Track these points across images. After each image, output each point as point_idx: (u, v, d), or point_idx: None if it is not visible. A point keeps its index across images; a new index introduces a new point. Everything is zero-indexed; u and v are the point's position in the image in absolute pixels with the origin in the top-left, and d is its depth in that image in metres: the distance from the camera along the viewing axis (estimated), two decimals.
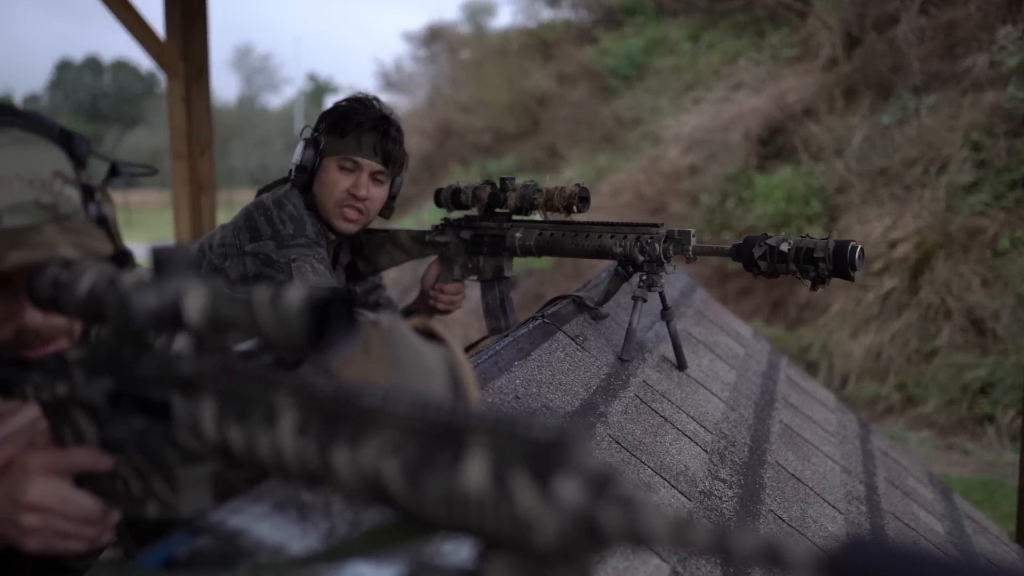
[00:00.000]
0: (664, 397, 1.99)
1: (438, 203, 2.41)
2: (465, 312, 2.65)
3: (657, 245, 2.01)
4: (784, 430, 2.30)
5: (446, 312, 2.48)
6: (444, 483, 0.61)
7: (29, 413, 1.03)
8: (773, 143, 8.44)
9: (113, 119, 45.38)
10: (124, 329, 0.80)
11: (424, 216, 9.65)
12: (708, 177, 8.32)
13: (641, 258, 2.02)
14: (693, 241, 2.00)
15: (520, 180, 2.31)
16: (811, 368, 6.58)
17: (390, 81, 17.39)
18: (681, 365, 2.21)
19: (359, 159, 2.28)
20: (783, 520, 1.78)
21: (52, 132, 1.18)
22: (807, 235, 1.94)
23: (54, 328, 1.14)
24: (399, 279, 7.10)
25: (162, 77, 5.27)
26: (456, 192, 2.37)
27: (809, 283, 1.89)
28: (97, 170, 1.39)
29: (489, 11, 18.53)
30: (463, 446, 0.61)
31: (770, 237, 1.91)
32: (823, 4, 9.32)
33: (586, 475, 0.56)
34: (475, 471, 0.59)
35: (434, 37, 15.82)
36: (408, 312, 2.55)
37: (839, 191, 7.56)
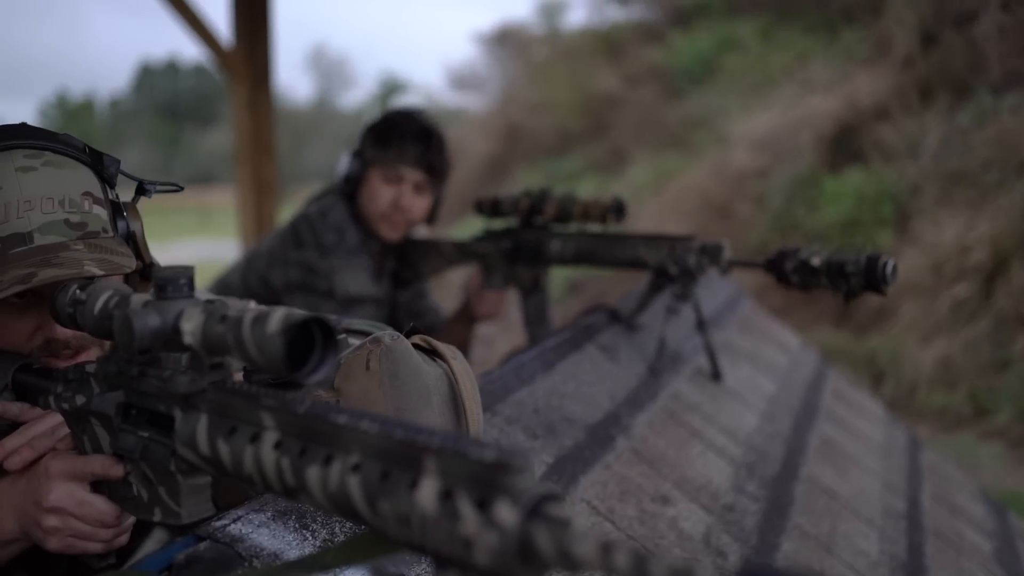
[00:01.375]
0: (695, 410, 1.98)
1: (479, 212, 2.45)
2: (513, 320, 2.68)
3: (690, 257, 2.01)
4: (823, 443, 2.28)
5: (487, 319, 2.52)
6: (400, 504, 0.65)
7: (52, 420, 1.10)
8: (844, 145, 8.26)
9: (191, 119, 46.55)
10: (128, 347, 0.85)
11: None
12: (776, 179, 8.18)
13: (674, 270, 2.03)
14: (727, 253, 2.00)
15: (558, 191, 2.33)
16: (878, 377, 6.44)
17: (459, 81, 17.52)
18: (717, 377, 2.21)
19: (402, 170, 2.34)
20: (809, 536, 1.76)
21: (83, 154, 1.24)
22: (840, 248, 1.92)
23: (81, 340, 1.20)
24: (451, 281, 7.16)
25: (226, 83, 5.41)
26: (496, 202, 2.40)
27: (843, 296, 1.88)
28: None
29: (563, 9, 18.48)
30: (419, 470, 0.64)
31: (802, 251, 1.89)
32: (899, 1, 9.10)
33: (524, 498, 0.58)
34: (427, 493, 0.63)
35: (504, 38, 15.88)
36: (456, 317, 2.60)
37: (912, 194, 7.37)
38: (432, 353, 1.17)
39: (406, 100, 13.70)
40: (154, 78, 51.22)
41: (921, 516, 2.29)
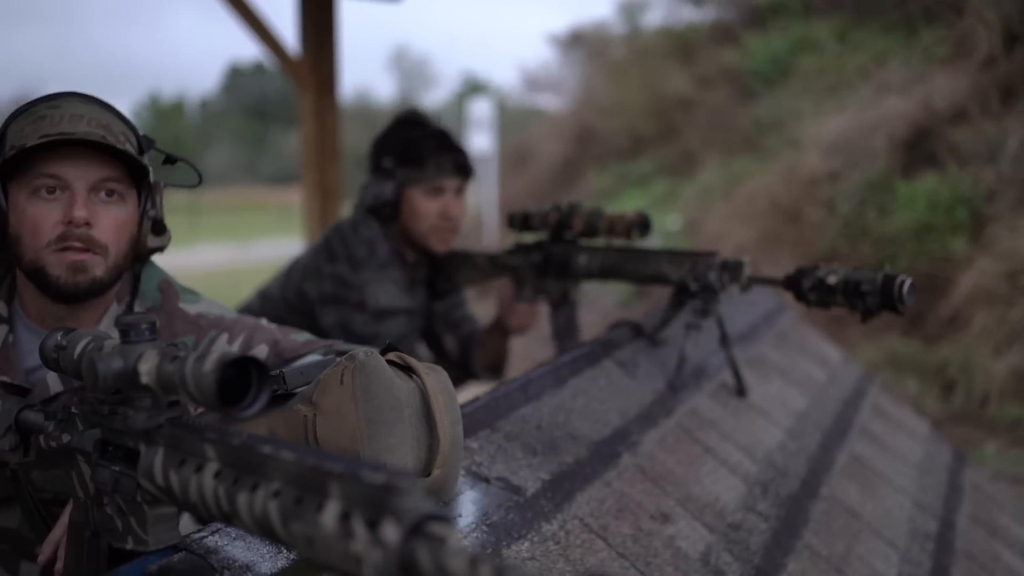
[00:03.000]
0: (712, 426, 1.99)
1: (511, 226, 2.49)
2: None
3: (710, 273, 2.02)
4: (852, 461, 2.26)
5: (518, 331, 2.56)
6: (307, 526, 0.70)
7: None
8: (919, 148, 8.06)
9: (276, 120, 47.56)
10: (95, 387, 0.92)
11: None
12: (847, 184, 8.02)
13: (694, 286, 2.04)
14: (747, 270, 2.01)
15: (587, 206, 2.36)
16: (948, 387, 6.27)
17: (534, 83, 17.58)
18: (741, 392, 2.21)
19: (443, 182, 2.41)
20: (820, 556, 1.76)
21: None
22: (857, 267, 1.91)
23: (90, 237, 1.36)
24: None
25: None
26: (527, 216, 2.44)
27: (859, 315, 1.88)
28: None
29: (644, 8, 18.37)
30: (325, 494, 0.70)
31: (820, 269, 1.89)
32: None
33: (407, 517, 0.63)
34: (329, 515, 0.68)
35: (577, 39, 15.88)
36: (491, 329, 2.65)
37: (988, 200, 7.15)
38: (408, 369, 1.23)
39: (481, 101, 13.78)
40: (242, 79, 52.54)
41: (954, 537, 2.25)
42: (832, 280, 1.85)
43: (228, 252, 18.79)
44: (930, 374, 6.35)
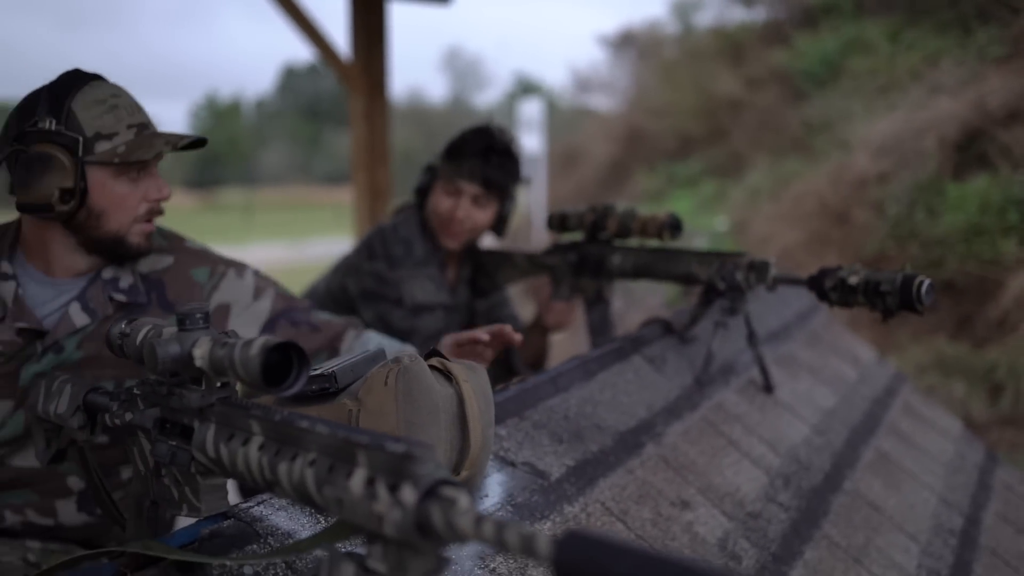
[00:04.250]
0: (737, 420, 2.07)
1: (550, 227, 2.59)
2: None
3: (738, 273, 2.09)
4: (879, 457, 2.32)
5: (556, 328, 2.65)
6: (338, 490, 0.80)
7: None
8: (971, 149, 7.99)
9: (330, 120, 48.16)
10: (154, 370, 1.04)
11: None
12: (897, 185, 7.98)
13: (722, 285, 2.12)
14: (773, 271, 2.08)
15: (621, 207, 2.45)
16: (996, 390, 6.23)
17: (584, 84, 17.66)
18: (768, 389, 2.28)
19: (461, 184, 2.50)
20: (839, 546, 1.83)
21: None
22: (877, 266, 1.96)
23: (159, 210, 1.69)
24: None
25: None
26: (564, 217, 2.53)
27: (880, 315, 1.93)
28: None
29: (697, 8, 18.33)
30: (354, 463, 0.80)
31: (842, 269, 1.95)
32: None
33: (423, 482, 0.73)
34: (357, 480, 0.79)
35: (627, 40, 15.92)
36: (531, 327, 2.75)
37: None
38: (448, 375, 1.33)
39: (532, 101, 13.89)
40: (297, 80, 53.30)
41: (979, 534, 2.30)
42: (853, 280, 1.91)
43: (282, 250, 19.15)
44: (978, 377, 6.30)
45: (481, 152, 2.49)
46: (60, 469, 1.70)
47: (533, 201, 13.14)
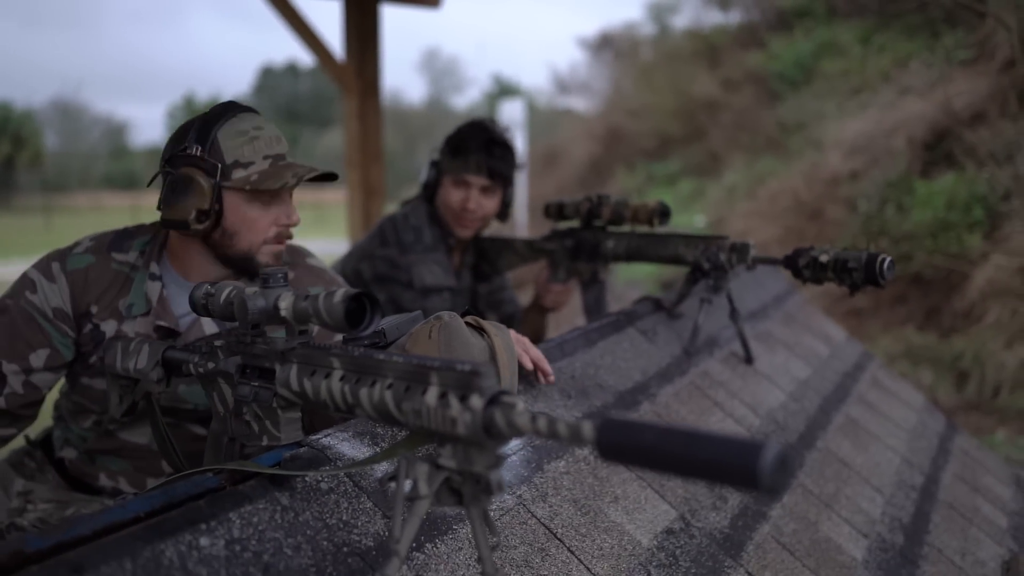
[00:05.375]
0: (721, 386, 2.31)
1: (547, 215, 2.81)
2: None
3: (721, 255, 2.33)
4: (848, 422, 2.56)
5: (553, 308, 2.88)
6: (415, 404, 1.02)
7: None
8: (938, 149, 8.31)
9: (309, 122, 48.13)
10: (244, 322, 1.26)
11: None
12: (868, 183, 8.29)
13: (706, 265, 2.35)
14: (753, 251, 2.32)
15: (614, 197, 2.68)
16: (961, 378, 6.53)
17: (563, 85, 17.92)
18: (749, 360, 2.52)
19: (468, 177, 2.72)
20: (812, 493, 2.07)
21: None
22: (848, 248, 2.20)
23: (288, 233, 1.87)
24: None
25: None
26: (561, 206, 2.76)
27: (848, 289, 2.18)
28: None
29: (674, 9, 18.61)
30: (428, 382, 1.02)
31: (814, 249, 2.19)
32: (1002, 3, 9.04)
33: (487, 392, 0.95)
34: (432, 395, 1.00)
35: (605, 42, 16.21)
36: (530, 308, 2.98)
37: (1004, 198, 7.40)
38: (480, 330, 1.56)
39: (514, 102, 14.11)
40: (275, 79, 53.20)
41: (937, 490, 2.55)
42: (824, 259, 2.15)
43: None
44: (945, 365, 6.60)
45: (484, 146, 2.71)
46: (158, 451, 1.88)
47: (515, 201, 13.35)
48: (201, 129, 1.76)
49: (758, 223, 8.71)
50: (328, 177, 1.83)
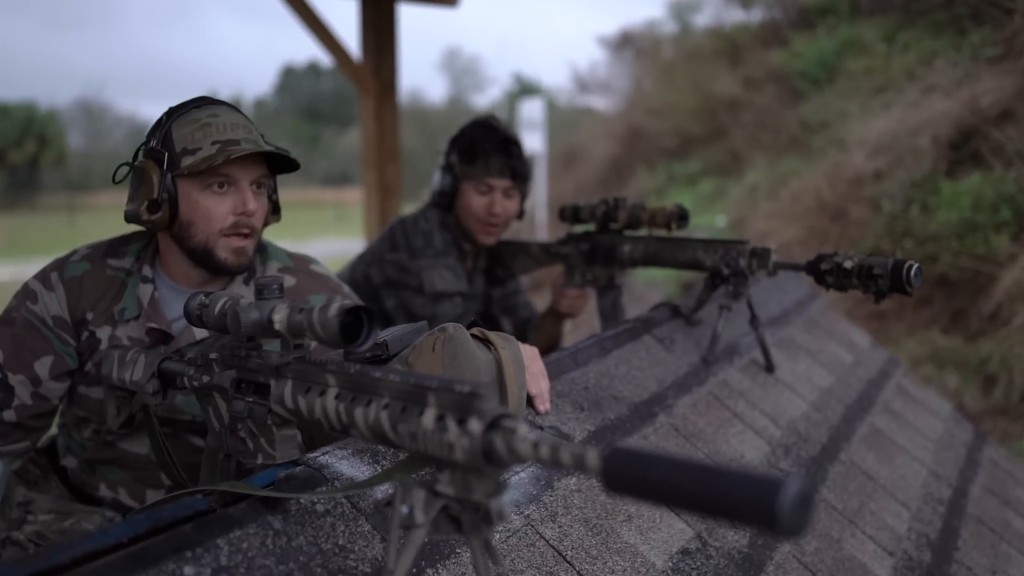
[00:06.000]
0: (741, 395, 2.23)
1: (562, 218, 2.75)
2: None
3: (741, 260, 2.25)
4: (872, 432, 2.48)
5: (570, 314, 2.81)
6: (412, 426, 0.96)
7: None
8: (964, 148, 8.16)
9: (330, 121, 48.27)
10: (237, 334, 1.20)
11: None
12: (892, 183, 8.15)
13: (726, 271, 2.28)
14: (774, 256, 2.24)
15: (631, 199, 2.61)
16: (989, 381, 6.40)
17: (583, 84, 17.83)
18: (769, 369, 2.44)
19: (491, 181, 2.66)
20: (835, 509, 1.99)
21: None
22: (872, 254, 2.12)
23: (254, 223, 1.76)
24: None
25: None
26: (577, 209, 2.69)
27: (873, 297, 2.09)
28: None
29: (696, 8, 18.47)
30: (425, 403, 0.95)
31: (838, 255, 2.11)
32: None
33: (487, 416, 0.88)
34: (428, 417, 0.94)
35: (626, 41, 16.10)
36: (546, 314, 2.91)
37: None
38: (487, 343, 1.49)
39: (533, 101, 14.05)
40: (296, 79, 53.40)
41: (966, 504, 2.46)
42: (848, 265, 2.07)
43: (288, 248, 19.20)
44: (971, 369, 6.47)
45: (501, 147, 2.65)
46: (157, 463, 1.84)
47: (534, 201, 13.29)
48: (161, 122, 1.74)
49: (780, 224, 8.60)
50: (288, 164, 1.79)
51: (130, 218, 1.74)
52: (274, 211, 1.90)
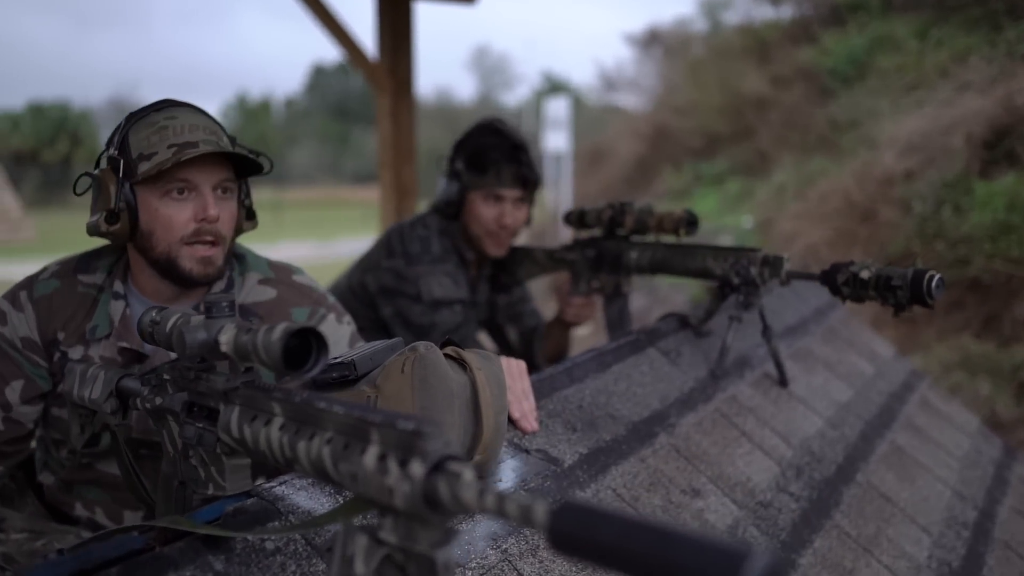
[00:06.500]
0: (751, 412, 2.11)
1: (567, 223, 2.63)
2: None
3: (752, 268, 2.13)
4: (893, 451, 2.34)
5: (575, 323, 2.69)
6: (353, 465, 0.85)
7: None
8: (999, 147, 7.93)
9: (359, 120, 48.40)
10: (183, 355, 1.10)
11: None
12: (924, 183, 7.94)
13: (736, 280, 2.15)
14: (787, 265, 2.11)
15: (638, 204, 2.49)
16: (1022, 388, 6.20)
17: (610, 83, 17.67)
18: (783, 382, 2.31)
19: (502, 191, 2.55)
20: (849, 536, 1.86)
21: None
22: (897, 259, 1.99)
23: (218, 230, 1.64)
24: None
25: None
26: (582, 213, 2.58)
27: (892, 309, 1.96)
28: None
29: (726, 5, 18.23)
30: (368, 440, 0.85)
31: (854, 264, 1.98)
32: None
33: (431, 457, 0.78)
34: (370, 456, 0.83)
35: (653, 39, 15.92)
36: (552, 323, 2.79)
37: None
38: (462, 363, 1.38)
39: (558, 100, 13.93)
40: (326, 78, 53.61)
41: (993, 527, 2.32)
42: (865, 275, 1.94)
43: (310, 249, 19.31)
44: (1004, 376, 6.27)
45: (510, 155, 2.54)
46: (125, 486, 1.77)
47: (559, 200, 13.17)
48: (119, 129, 1.64)
49: (807, 225, 8.41)
50: (253, 167, 1.68)
51: (91, 231, 1.65)
52: (248, 216, 1.79)
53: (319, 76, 53.94)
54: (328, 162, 48.27)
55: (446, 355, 1.37)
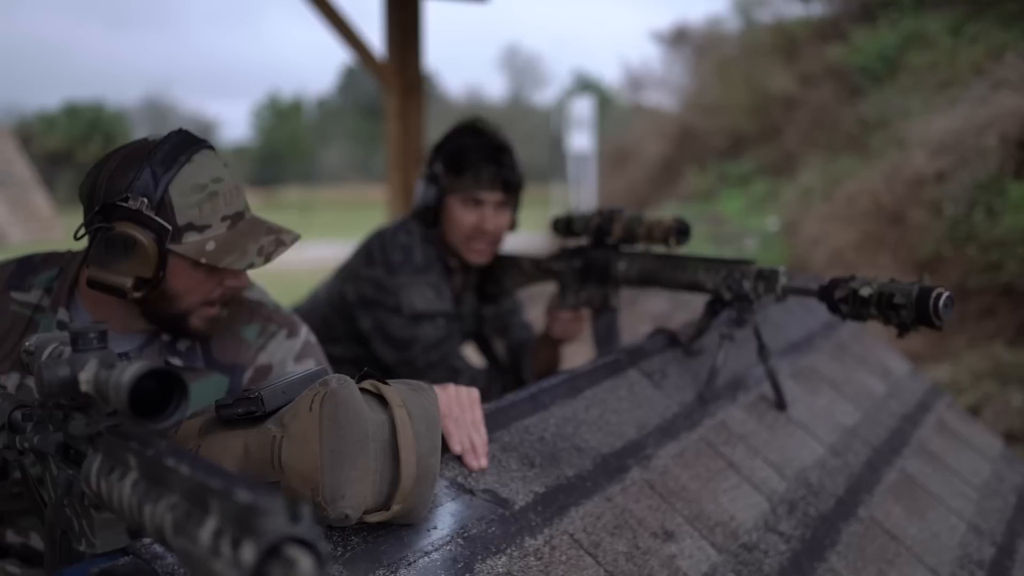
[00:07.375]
0: (741, 440, 1.93)
1: (555, 230, 2.46)
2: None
3: (745, 283, 1.96)
4: (902, 480, 2.15)
5: (563, 339, 2.52)
6: (188, 541, 0.70)
7: None
8: None
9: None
10: (43, 395, 0.95)
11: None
12: (956, 185, 7.67)
13: (728, 295, 1.98)
14: (782, 280, 1.93)
15: (628, 212, 2.32)
16: None
17: (638, 82, 17.43)
18: (780, 405, 2.13)
19: (481, 194, 2.38)
20: None
21: None
22: (893, 279, 1.80)
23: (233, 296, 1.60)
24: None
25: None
26: (569, 220, 2.41)
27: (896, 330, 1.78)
28: None
29: (759, 3, 17.93)
30: (207, 510, 0.70)
31: (855, 280, 1.80)
32: None
33: (265, 539, 0.62)
34: (207, 531, 0.68)
35: (681, 37, 15.66)
36: (541, 339, 2.61)
37: None
38: (382, 398, 1.21)
39: (583, 99, 13.72)
40: (357, 78, 53.72)
41: (1012, 566, 2.12)
42: (866, 292, 1.76)
43: (340, 248, 19.21)
44: None
45: (491, 156, 2.38)
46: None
47: (583, 200, 12.99)
48: (149, 177, 1.44)
49: (834, 227, 8.17)
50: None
51: (108, 289, 1.48)
52: None
53: (351, 76, 54.05)
54: (359, 161, 48.37)
55: (363, 390, 1.20)
